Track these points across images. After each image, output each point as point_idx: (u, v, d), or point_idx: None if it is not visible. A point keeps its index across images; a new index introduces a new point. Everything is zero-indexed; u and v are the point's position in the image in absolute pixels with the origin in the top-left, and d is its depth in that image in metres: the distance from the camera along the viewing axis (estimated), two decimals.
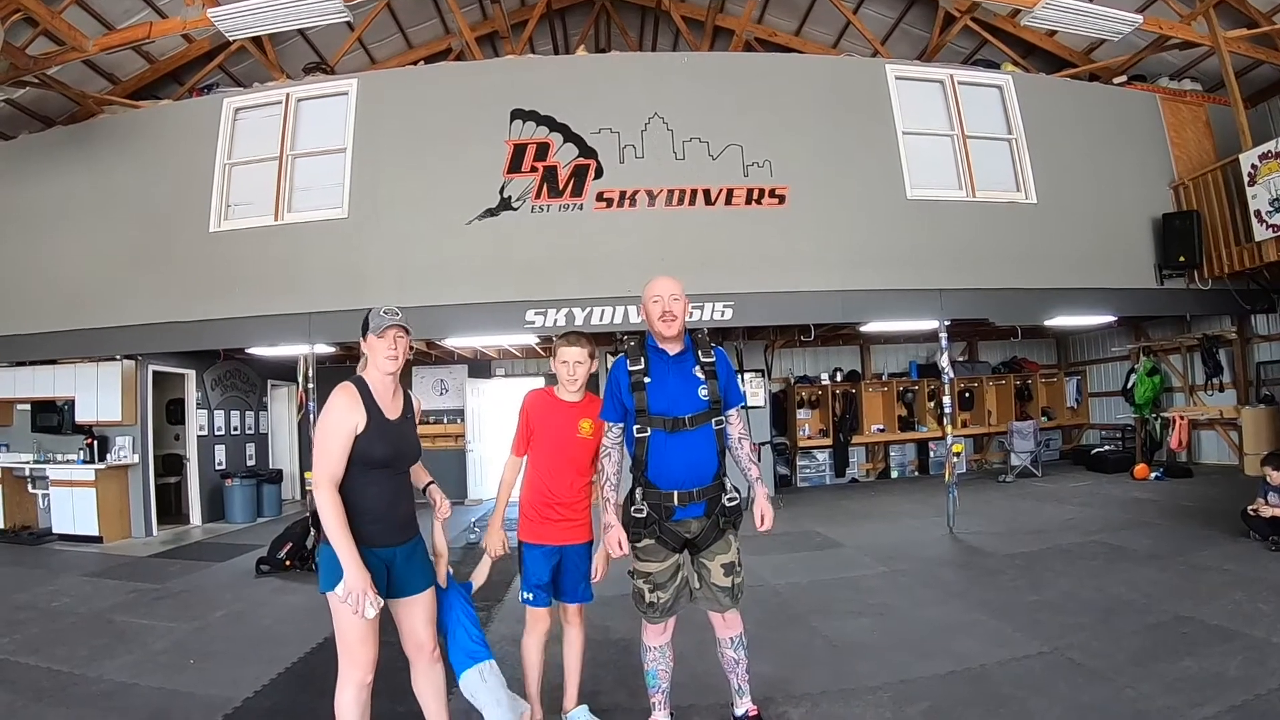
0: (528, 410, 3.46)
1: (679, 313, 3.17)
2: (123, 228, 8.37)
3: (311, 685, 4.24)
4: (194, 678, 4.42)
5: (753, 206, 7.92)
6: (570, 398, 3.42)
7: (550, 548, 3.37)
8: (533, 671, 3.47)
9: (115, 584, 6.82)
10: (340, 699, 2.84)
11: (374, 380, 2.95)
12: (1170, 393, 11.78)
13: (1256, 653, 3.91)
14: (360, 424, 2.82)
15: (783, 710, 3.62)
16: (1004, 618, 4.89)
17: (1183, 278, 9.05)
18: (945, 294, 8.14)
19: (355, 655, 2.81)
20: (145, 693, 4.17)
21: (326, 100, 8.22)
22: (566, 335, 3.45)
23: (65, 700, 4.06)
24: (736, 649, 3.33)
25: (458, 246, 7.77)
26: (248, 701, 4.02)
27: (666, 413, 3.12)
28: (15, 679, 4.38)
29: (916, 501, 10.17)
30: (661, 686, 3.34)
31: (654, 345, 3.25)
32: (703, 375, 3.19)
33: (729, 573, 3.20)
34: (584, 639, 3.57)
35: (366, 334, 2.94)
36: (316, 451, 2.82)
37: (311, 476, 2.85)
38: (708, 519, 3.17)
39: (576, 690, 3.57)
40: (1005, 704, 3.57)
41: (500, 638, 4.80)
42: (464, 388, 13.10)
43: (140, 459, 9.37)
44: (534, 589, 3.40)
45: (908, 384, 13.33)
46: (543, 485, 3.39)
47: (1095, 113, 9.16)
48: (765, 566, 6.47)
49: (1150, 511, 8.07)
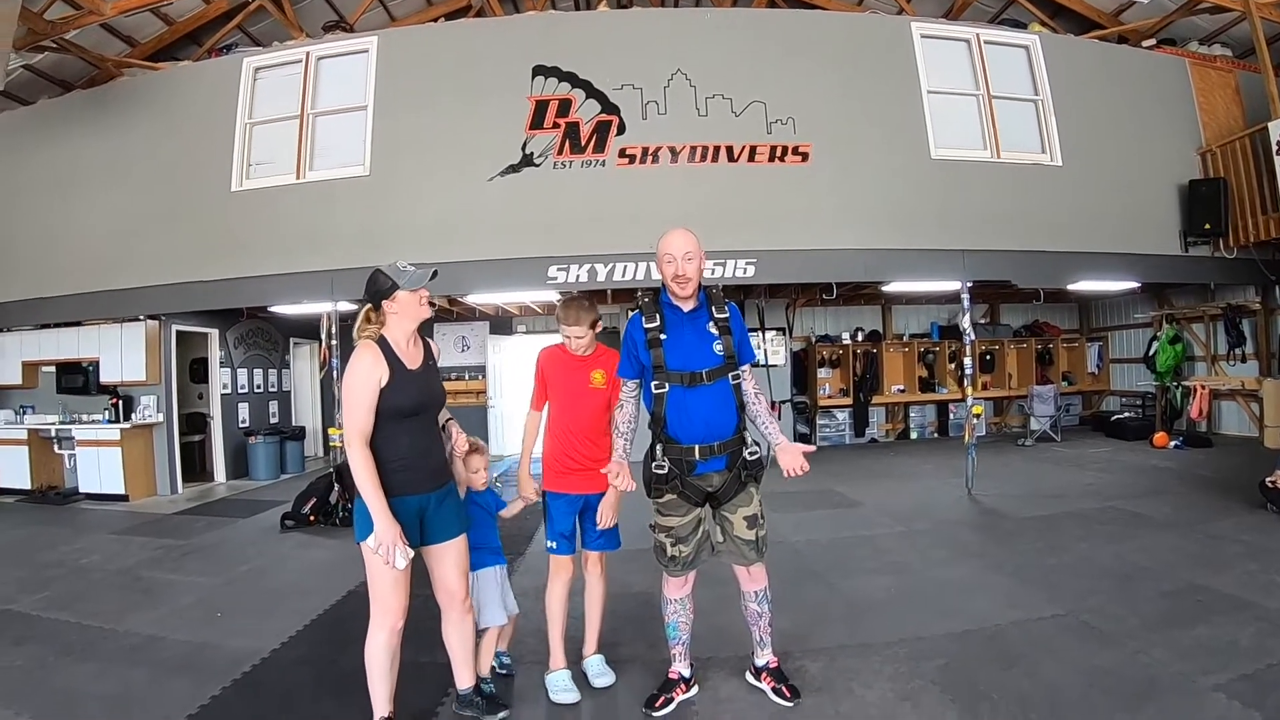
0: (542, 366, 3.64)
1: (692, 274, 3.14)
2: (144, 189, 8.39)
3: (337, 637, 4.35)
4: (222, 630, 4.49)
5: (776, 164, 7.83)
6: (580, 353, 3.56)
7: (573, 496, 3.50)
8: (556, 620, 3.55)
9: (142, 541, 6.91)
10: (371, 645, 2.92)
11: (394, 335, 2.99)
12: (1192, 361, 11.66)
13: (1269, 624, 3.91)
14: (384, 377, 2.87)
15: (800, 664, 3.67)
16: (1020, 580, 4.92)
17: (1208, 245, 8.93)
18: (968, 255, 8.06)
19: (387, 602, 2.88)
20: (174, 645, 4.24)
21: (347, 58, 8.15)
22: (566, 305, 3.52)
23: (95, 654, 4.13)
24: (760, 603, 3.37)
25: (480, 203, 7.75)
26: (275, 653, 4.10)
27: (684, 368, 3.13)
28: (46, 634, 4.45)
29: (935, 463, 10.19)
30: (682, 638, 3.40)
31: (668, 301, 3.24)
32: (717, 331, 3.19)
33: (752, 525, 3.23)
34: (605, 589, 3.65)
35: (391, 294, 2.96)
36: (345, 410, 2.87)
37: (341, 434, 2.91)
38: (729, 472, 3.18)
39: (596, 639, 3.66)
40: (1018, 663, 3.61)
41: (521, 591, 4.89)
42: (485, 344, 13.17)
43: (165, 418, 9.49)
44: (558, 537, 3.52)
45: (929, 345, 13.31)
46: (562, 436, 3.51)
47: (1123, 76, 8.97)
48: (785, 524, 6.55)
49: (1169, 479, 8.05)
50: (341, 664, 3.84)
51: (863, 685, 3.46)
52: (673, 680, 3.39)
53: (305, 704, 3.47)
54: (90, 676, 3.82)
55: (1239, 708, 3.06)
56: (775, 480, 3.32)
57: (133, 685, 3.70)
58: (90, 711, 3.44)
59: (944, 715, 3.16)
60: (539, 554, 5.50)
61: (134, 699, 3.55)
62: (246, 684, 3.70)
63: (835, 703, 3.31)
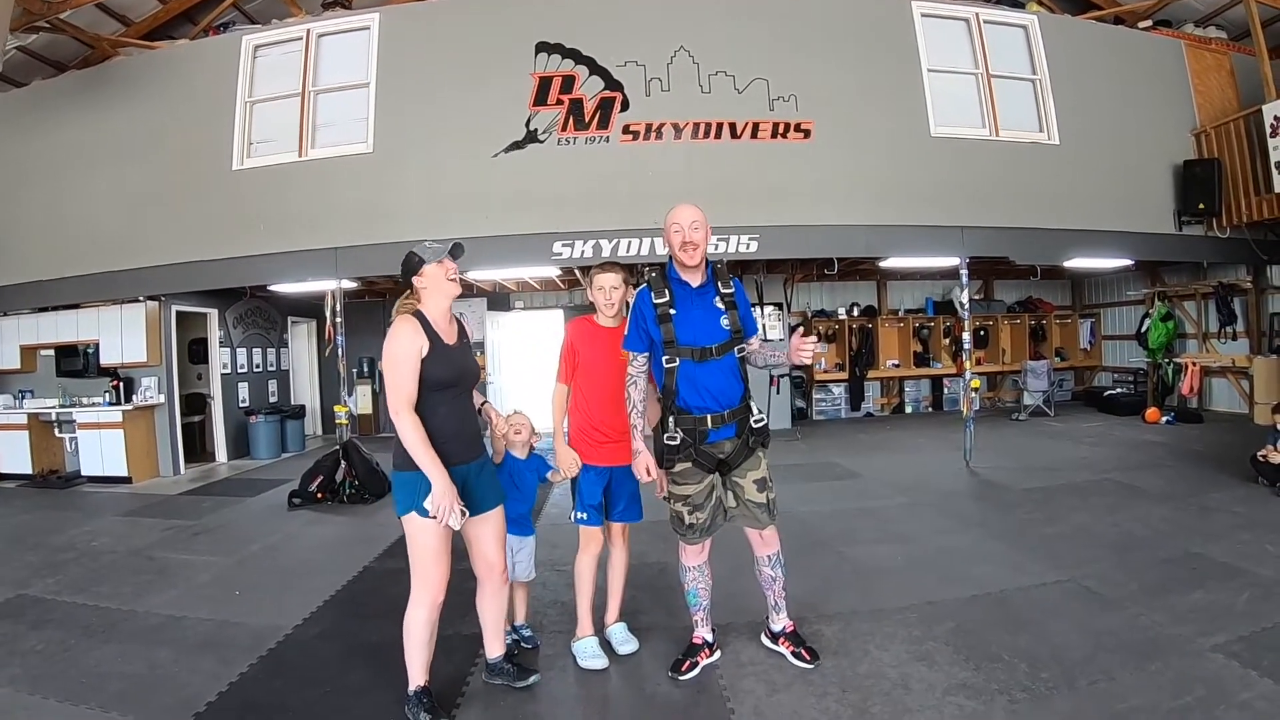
0: (572, 338, 3.58)
1: (699, 241, 3.22)
2: (143, 169, 8.33)
3: (358, 612, 4.41)
4: (241, 608, 4.51)
5: (778, 140, 7.88)
6: (609, 323, 3.54)
7: (601, 469, 3.51)
8: (584, 589, 3.61)
9: (151, 522, 6.89)
10: (411, 618, 3.00)
11: (430, 312, 3.07)
12: (1184, 339, 11.81)
13: (1263, 590, 4.05)
14: (424, 348, 2.96)
15: (817, 629, 3.78)
16: (1021, 548, 5.06)
17: (1201, 225, 9.05)
18: (967, 231, 8.15)
19: (429, 575, 2.95)
20: (195, 624, 4.25)
21: (348, 35, 8.10)
22: (602, 265, 3.57)
23: (116, 635, 4.13)
24: (774, 566, 3.46)
25: (484, 180, 7.76)
26: (298, 629, 4.13)
27: (694, 343, 3.20)
28: (65, 617, 4.42)
29: (931, 436, 10.35)
30: (703, 604, 3.49)
31: (676, 277, 3.30)
32: (723, 306, 3.28)
33: (762, 488, 3.32)
34: (627, 559, 3.74)
35: (420, 269, 3.06)
36: (389, 381, 2.93)
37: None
38: (739, 439, 3.28)
39: (618, 607, 3.75)
40: (1026, 626, 3.74)
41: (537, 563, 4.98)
42: (484, 320, 13.15)
43: (166, 399, 9.48)
44: (587, 508, 3.54)
45: (924, 320, 13.44)
46: (589, 410, 3.52)
47: (1120, 56, 9.04)
48: (789, 494, 6.56)
49: (1161, 454, 8.20)
50: (365, 638, 3.91)
51: (878, 647, 3.58)
52: (697, 645, 3.48)
53: (335, 677, 3.51)
54: (114, 657, 3.81)
55: (1237, 667, 3.20)
56: (778, 453, 3.45)
57: (158, 665, 3.70)
58: (118, 691, 3.43)
59: (958, 674, 3.27)
60: (550, 527, 5.66)
61: (161, 678, 3.55)
62: (273, 660, 3.73)
63: (854, 664, 3.42)
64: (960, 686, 3.17)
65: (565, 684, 3.41)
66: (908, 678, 3.27)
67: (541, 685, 3.36)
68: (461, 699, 3.27)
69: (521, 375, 13.33)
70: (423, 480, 2.86)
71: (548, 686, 3.38)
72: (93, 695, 3.39)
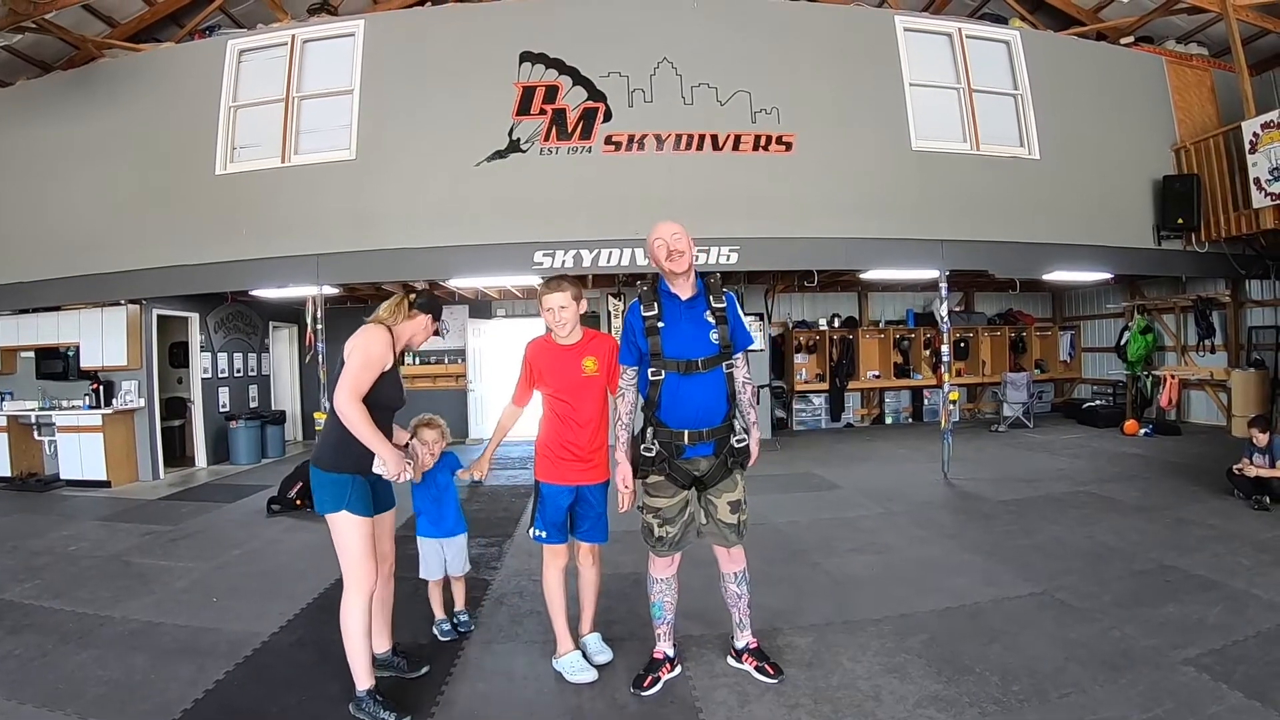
0: (530, 359, 3.51)
1: (684, 248, 3.22)
2: (126, 172, 8.28)
3: (333, 620, 4.30)
4: (219, 615, 4.49)
5: (760, 153, 7.92)
6: (567, 341, 3.46)
7: (566, 487, 3.46)
8: (557, 605, 3.54)
9: (129, 527, 6.85)
10: (349, 615, 3.15)
11: (399, 337, 3.30)
12: (1162, 351, 11.95)
13: (1235, 603, 4.11)
14: (388, 365, 3.15)
15: (790, 640, 3.80)
16: (997, 559, 5.10)
17: (1180, 239, 9.15)
18: (947, 245, 8.22)
19: (361, 568, 3.12)
20: (172, 630, 4.23)
21: (332, 41, 8.09)
22: (548, 281, 3.41)
23: (93, 641, 4.11)
24: (739, 583, 3.47)
25: (466, 188, 7.76)
26: (275, 636, 4.12)
27: (680, 356, 3.20)
28: (41, 623, 4.40)
29: (911, 447, 10.41)
30: (667, 618, 3.49)
31: (667, 290, 3.31)
32: (714, 320, 3.27)
33: (735, 510, 3.33)
34: (598, 576, 3.70)
35: (427, 311, 3.40)
36: (349, 373, 3.05)
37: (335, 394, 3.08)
38: (716, 458, 3.27)
39: (591, 619, 3.74)
40: (999, 638, 3.77)
41: (513, 572, 4.99)
42: (465, 328, 13.13)
43: (146, 403, 9.41)
44: (549, 527, 3.47)
45: (904, 332, 13.52)
46: (558, 428, 3.46)
47: (1101, 72, 9.14)
48: (766, 505, 6.68)
49: (1139, 466, 8.28)
50: (342, 646, 3.88)
51: (851, 659, 3.60)
52: (658, 660, 3.47)
53: (312, 684, 3.51)
54: (91, 663, 3.79)
55: (1208, 680, 3.23)
56: (758, 463, 3.41)
57: (135, 671, 3.68)
58: (95, 697, 3.42)
59: (930, 686, 3.30)
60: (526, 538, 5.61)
61: (138, 684, 3.54)
62: (250, 666, 3.72)
63: (826, 676, 3.44)
64: (932, 699, 3.19)
65: (541, 694, 3.40)
66: (879, 690, 3.29)
67: (517, 696, 3.36)
68: (436, 708, 3.26)
69: (502, 383, 13.24)
70: (349, 481, 3.08)
71: (523, 697, 3.37)
72: (70, 701, 3.38)
